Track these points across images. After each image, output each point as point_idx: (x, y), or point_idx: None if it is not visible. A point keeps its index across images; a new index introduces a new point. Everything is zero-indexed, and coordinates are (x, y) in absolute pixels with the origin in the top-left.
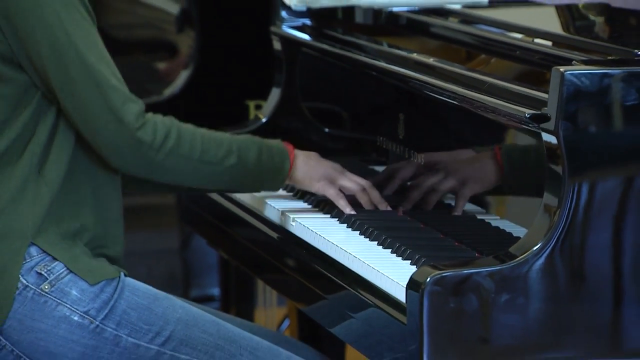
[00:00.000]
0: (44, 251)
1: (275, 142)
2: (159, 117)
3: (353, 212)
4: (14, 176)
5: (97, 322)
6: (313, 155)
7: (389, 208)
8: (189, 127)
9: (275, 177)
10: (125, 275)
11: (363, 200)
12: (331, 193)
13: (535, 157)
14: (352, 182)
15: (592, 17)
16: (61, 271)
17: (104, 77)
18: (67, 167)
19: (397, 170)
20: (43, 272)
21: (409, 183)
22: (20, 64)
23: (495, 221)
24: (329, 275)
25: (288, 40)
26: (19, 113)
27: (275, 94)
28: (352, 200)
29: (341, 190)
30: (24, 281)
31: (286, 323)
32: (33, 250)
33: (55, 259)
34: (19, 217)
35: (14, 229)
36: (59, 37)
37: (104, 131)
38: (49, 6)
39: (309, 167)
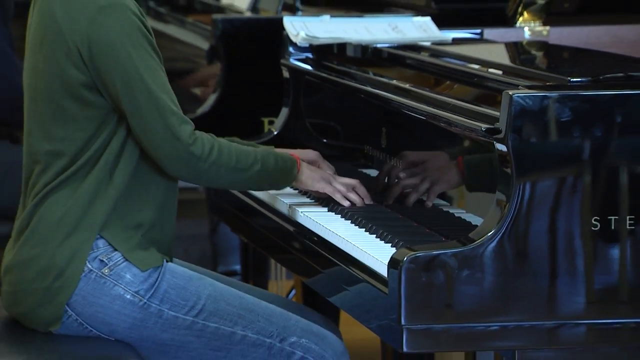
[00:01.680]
0: (108, 243)
1: (286, 153)
2: (204, 135)
3: (347, 204)
4: (91, 180)
5: (145, 300)
6: (313, 159)
7: (371, 202)
8: (225, 142)
9: (287, 179)
10: (167, 262)
11: (353, 195)
12: (329, 190)
13: (489, 162)
14: (344, 183)
15: (533, 52)
16: (119, 259)
17: (165, 104)
18: (132, 173)
19: (381, 173)
20: (104, 260)
21: (389, 182)
22: (100, 91)
23: (458, 212)
24: (326, 255)
25: (294, 70)
26: (101, 130)
27: (284, 112)
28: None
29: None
30: (89, 266)
31: (293, 292)
32: (100, 242)
33: (115, 249)
34: (91, 213)
35: (85, 223)
36: (130, 72)
37: (164, 146)
38: (123, 47)
39: (311, 171)
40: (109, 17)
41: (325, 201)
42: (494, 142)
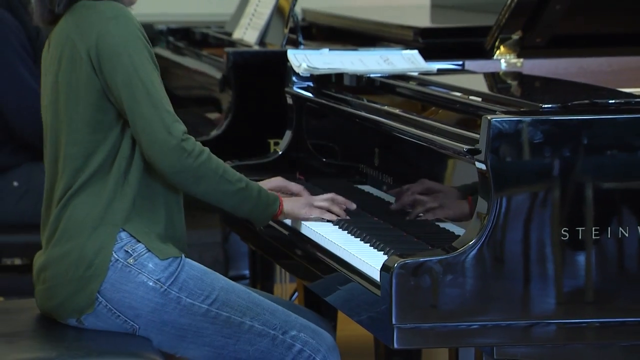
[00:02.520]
0: (131, 235)
1: (272, 193)
2: (197, 141)
3: (336, 219)
4: (108, 181)
5: (165, 287)
6: (280, 185)
7: (354, 205)
8: (215, 156)
9: (267, 211)
10: (185, 257)
11: (335, 208)
12: (316, 212)
13: (471, 179)
14: (323, 199)
15: (509, 81)
16: (142, 250)
17: (160, 102)
18: (144, 173)
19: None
20: (129, 250)
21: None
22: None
23: (442, 223)
24: (325, 261)
25: (297, 97)
26: (110, 134)
27: (288, 134)
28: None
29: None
30: (116, 256)
31: (296, 294)
32: (123, 235)
33: (138, 241)
34: (112, 210)
35: (109, 219)
36: (130, 71)
37: (158, 139)
38: (125, 50)
39: (293, 202)
40: (114, 26)
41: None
42: (475, 162)
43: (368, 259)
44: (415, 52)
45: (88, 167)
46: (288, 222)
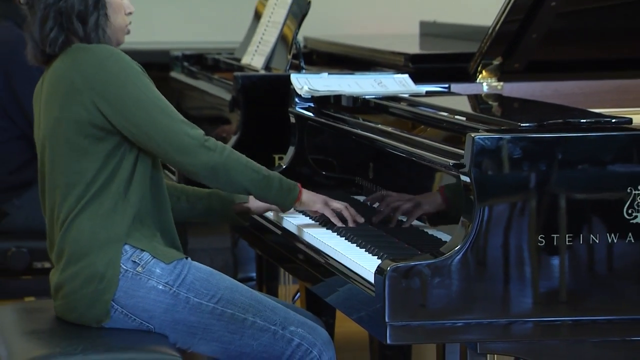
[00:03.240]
0: (134, 247)
1: (291, 181)
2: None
3: (342, 226)
4: (108, 202)
5: (174, 289)
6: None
7: (362, 220)
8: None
9: (289, 197)
10: (186, 257)
11: (346, 214)
12: (328, 212)
13: (456, 190)
14: (339, 204)
15: (490, 102)
16: (147, 258)
17: (174, 114)
18: (142, 192)
19: (370, 199)
20: (136, 260)
21: (375, 206)
22: (113, 128)
23: (430, 231)
24: (325, 265)
25: (299, 116)
26: (110, 160)
27: (291, 150)
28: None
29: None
30: (125, 267)
31: (298, 295)
32: (127, 247)
33: (142, 250)
34: (115, 227)
35: (113, 236)
36: (140, 97)
37: (184, 145)
38: (128, 80)
39: (311, 195)
40: (112, 63)
41: (324, 222)
42: (460, 175)
43: (364, 263)
44: (406, 76)
45: (88, 192)
46: (293, 230)
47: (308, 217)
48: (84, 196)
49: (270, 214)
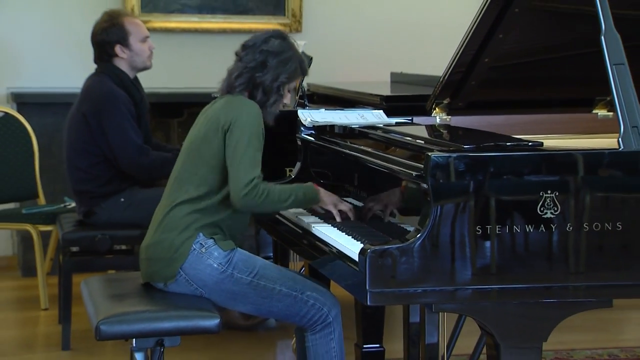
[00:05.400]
0: (205, 236)
1: (310, 185)
2: (261, 184)
3: (339, 220)
4: (200, 205)
5: (224, 268)
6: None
7: (352, 218)
8: (273, 187)
9: (311, 202)
10: (237, 247)
11: (349, 214)
12: (335, 212)
13: (417, 194)
14: (344, 205)
15: (442, 130)
16: (211, 244)
17: (255, 162)
18: (224, 206)
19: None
20: (203, 243)
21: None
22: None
23: (400, 224)
24: (322, 248)
25: (304, 140)
26: (211, 181)
27: (298, 165)
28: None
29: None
30: (194, 247)
31: (303, 269)
32: (200, 234)
33: (209, 238)
34: (197, 221)
35: (193, 225)
36: (241, 142)
37: (236, 191)
38: (248, 130)
39: (327, 195)
40: (251, 117)
41: (326, 217)
42: (420, 183)
43: (350, 247)
44: (381, 111)
45: (192, 193)
46: (304, 225)
47: (309, 214)
48: (189, 193)
49: (284, 212)
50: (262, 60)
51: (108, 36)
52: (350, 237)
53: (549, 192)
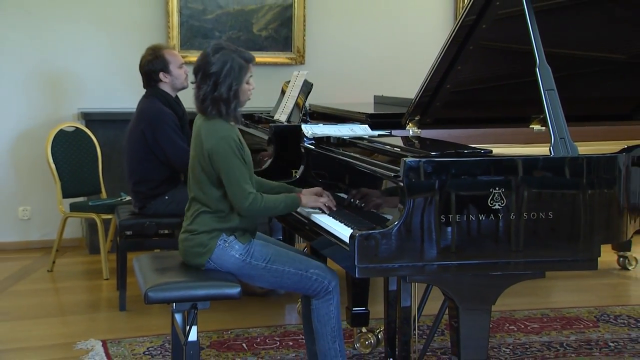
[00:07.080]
0: (227, 234)
1: (294, 195)
2: (258, 195)
3: (328, 213)
4: (218, 212)
5: (244, 257)
6: (317, 191)
7: (334, 205)
8: (267, 197)
9: (295, 206)
10: (253, 239)
11: (330, 204)
12: (319, 205)
13: (395, 190)
14: (323, 198)
15: (414, 141)
16: (232, 240)
17: (237, 181)
18: (229, 212)
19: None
20: (226, 240)
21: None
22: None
23: (381, 214)
24: (320, 232)
25: (306, 148)
26: (217, 194)
27: (301, 167)
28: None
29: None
30: (219, 243)
31: (305, 249)
32: (224, 234)
33: (230, 235)
34: (220, 224)
35: (217, 227)
36: (227, 166)
37: (236, 202)
38: (231, 160)
39: (307, 198)
40: (223, 142)
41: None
42: (398, 182)
43: (343, 232)
44: (366, 126)
45: (209, 207)
46: (305, 214)
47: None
48: (208, 208)
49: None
50: (214, 81)
51: (153, 66)
52: (343, 224)
53: (496, 188)
